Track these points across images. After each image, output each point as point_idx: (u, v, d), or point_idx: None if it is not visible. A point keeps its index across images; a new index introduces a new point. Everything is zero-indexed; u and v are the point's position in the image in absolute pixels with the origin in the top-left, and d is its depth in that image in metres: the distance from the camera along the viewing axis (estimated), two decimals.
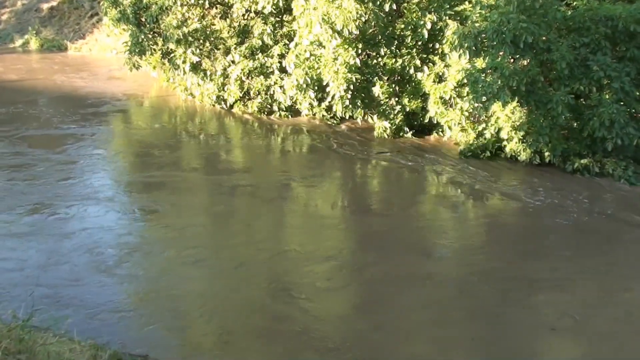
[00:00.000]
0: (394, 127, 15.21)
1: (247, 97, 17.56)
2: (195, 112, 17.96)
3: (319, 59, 15.34)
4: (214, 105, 17.99)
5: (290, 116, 17.00)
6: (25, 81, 21.38)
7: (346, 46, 14.71)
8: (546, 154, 13.10)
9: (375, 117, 15.61)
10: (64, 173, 12.66)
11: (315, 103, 16.16)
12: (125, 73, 20.09)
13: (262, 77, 17.05)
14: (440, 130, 15.08)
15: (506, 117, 13.26)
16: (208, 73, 17.89)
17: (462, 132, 14.30)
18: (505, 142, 13.51)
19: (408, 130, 15.35)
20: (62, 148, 14.14)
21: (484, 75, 12.90)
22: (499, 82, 12.53)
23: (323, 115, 16.46)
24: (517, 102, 12.92)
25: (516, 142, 13.29)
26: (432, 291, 8.59)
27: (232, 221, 11.02)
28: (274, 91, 16.88)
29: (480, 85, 12.84)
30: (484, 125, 14.00)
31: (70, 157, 13.60)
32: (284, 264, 9.27)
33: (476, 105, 13.43)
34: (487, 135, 13.80)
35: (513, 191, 12.32)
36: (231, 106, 17.75)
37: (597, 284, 8.87)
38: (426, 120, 15.04)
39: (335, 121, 16.41)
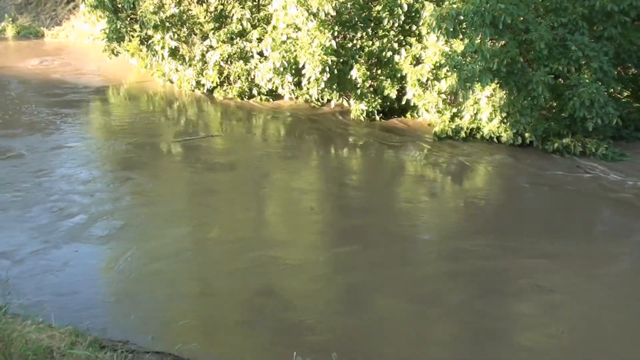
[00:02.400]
0: (370, 110, 15.21)
1: (227, 82, 17.49)
2: (174, 98, 17.83)
3: (295, 42, 15.28)
4: (193, 91, 17.91)
5: (271, 100, 16.98)
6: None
7: (322, 28, 14.66)
8: (526, 134, 13.15)
9: (351, 99, 15.59)
10: (42, 158, 12.61)
11: (293, 87, 16.09)
12: (102, 60, 19.86)
13: (241, 61, 16.99)
14: (415, 112, 15.10)
15: (487, 98, 13.30)
16: (187, 58, 17.80)
17: (438, 114, 14.28)
18: (484, 124, 13.55)
19: (383, 112, 15.38)
20: (40, 135, 14.04)
21: (463, 58, 12.91)
22: (480, 65, 12.55)
23: (306, 99, 16.42)
24: (497, 83, 12.95)
25: (496, 124, 13.33)
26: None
27: (212, 209, 10.85)
28: (254, 75, 16.81)
29: (463, 69, 12.84)
30: (462, 107, 14.04)
31: (49, 144, 13.45)
32: (264, 250, 9.20)
33: (458, 89, 13.44)
34: (467, 117, 13.83)
35: (500, 171, 12.43)
36: (210, 91, 17.68)
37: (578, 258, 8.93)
38: (403, 103, 15.02)
39: (316, 104, 16.38)
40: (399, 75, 14.94)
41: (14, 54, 23.99)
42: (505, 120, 13.29)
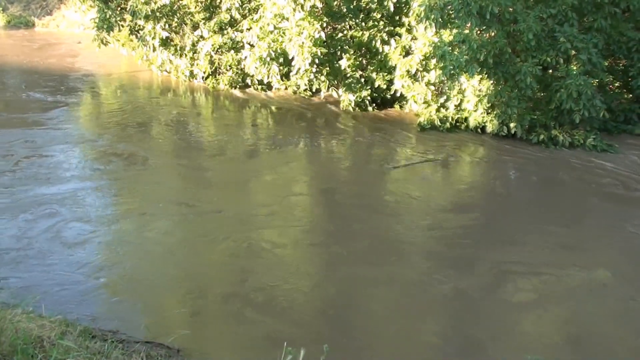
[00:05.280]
0: (359, 100, 15.25)
1: (218, 72, 17.51)
2: (168, 88, 17.83)
3: (283, 32, 15.28)
4: (190, 81, 17.94)
5: (265, 90, 17.00)
6: None
7: (311, 19, 14.67)
8: (512, 125, 13.21)
9: (340, 90, 15.62)
10: (32, 147, 12.58)
11: (278, 77, 16.04)
12: (93, 49, 19.81)
13: (232, 51, 17.01)
14: (404, 103, 15.16)
15: (473, 88, 13.34)
16: (178, 48, 17.79)
17: (425, 104, 14.34)
18: (468, 114, 13.61)
19: (372, 103, 15.45)
20: (33, 124, 14.04)
21: (450, 48, 12.95)
22: (467, 55, 12.59)
23: (294, 90, 16.44)
24: (485, 74, 12.99)
25: (481, 114, 13.38)
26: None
27: (201, 199, 10.87)
28: (244, 65, 16.82)
29: (449, 59, 12.88)
30: (447, 97, 14.11)
31: (41, 134, 13.44)
32: (253, 242, 9.21)
33: (444, 79, 13.49)
34: (452, 107, 13.88)
35: (487, 160, 12.53)
36: (204, 80, 17.71)
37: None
38: (391, 93, 15.09)
39: (306, 94, 16.41)
40: (388, 66, 14.98)
41: (8, 43, 23.86)
42: (490, 111, 13.35)
